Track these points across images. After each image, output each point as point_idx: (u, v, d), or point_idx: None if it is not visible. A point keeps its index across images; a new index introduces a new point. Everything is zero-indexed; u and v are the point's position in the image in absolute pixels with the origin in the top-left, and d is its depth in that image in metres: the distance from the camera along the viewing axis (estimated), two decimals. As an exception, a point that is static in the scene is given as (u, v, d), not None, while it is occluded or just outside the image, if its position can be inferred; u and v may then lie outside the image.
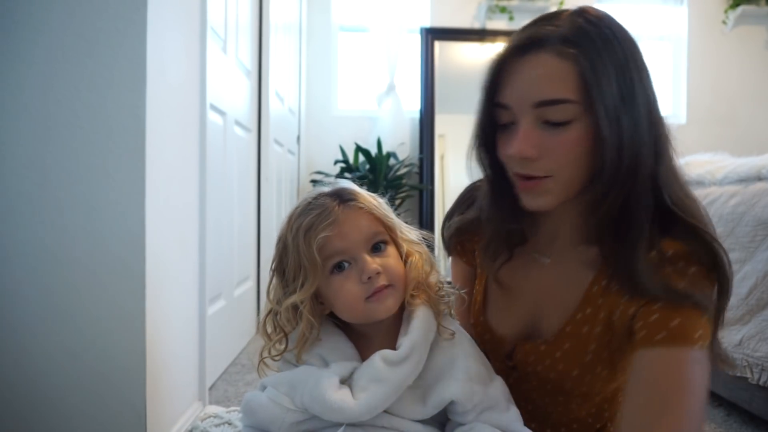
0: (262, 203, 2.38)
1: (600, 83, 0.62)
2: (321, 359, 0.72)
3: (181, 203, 1.27)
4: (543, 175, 0.67)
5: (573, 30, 0.65)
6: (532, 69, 0.65)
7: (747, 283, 1.35)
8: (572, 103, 0.64)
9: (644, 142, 0.65)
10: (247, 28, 2.17)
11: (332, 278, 0.69)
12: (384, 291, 0.68)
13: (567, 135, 0.65)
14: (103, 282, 1.02)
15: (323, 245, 0.67)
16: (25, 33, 0.99)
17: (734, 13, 3.74)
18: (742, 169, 1.48)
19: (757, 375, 1.30)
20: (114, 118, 1.02)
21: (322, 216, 0.68)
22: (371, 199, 0.72)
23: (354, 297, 0.68)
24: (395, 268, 0.70)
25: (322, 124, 3.62)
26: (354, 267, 0.69)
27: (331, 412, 0.65)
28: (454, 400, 0.68)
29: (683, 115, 3.86)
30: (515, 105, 0.67)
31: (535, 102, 0.65)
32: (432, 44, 3.57)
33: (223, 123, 1.78)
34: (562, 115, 0.64)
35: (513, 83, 0.67)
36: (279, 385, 0.71)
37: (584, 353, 0.72)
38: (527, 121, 0.66)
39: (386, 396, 0.66)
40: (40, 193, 1.00)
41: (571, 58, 0.63)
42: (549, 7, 3.65)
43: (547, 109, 0.64)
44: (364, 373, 0.68)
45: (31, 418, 1.01)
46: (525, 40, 0.67)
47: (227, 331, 1.88)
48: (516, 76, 0.66)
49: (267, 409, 0.70)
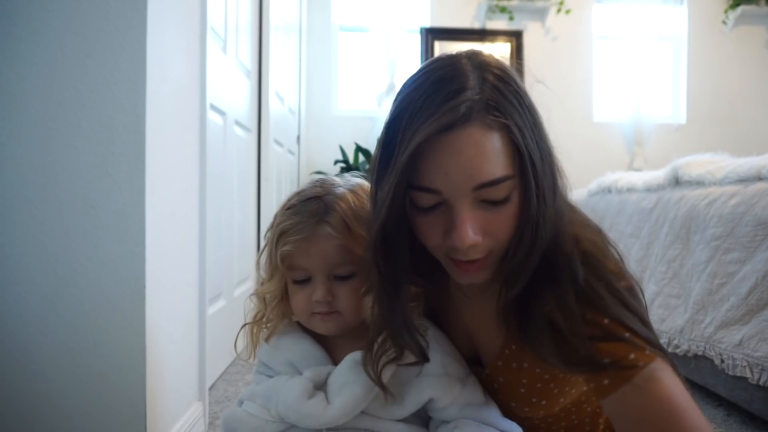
0: (262, 203, 2.38)
1: (530, 149, 0.58)
2: (292, 367, 0.72)
3: (181, 203, 1.27)
4: (485, 254, 0.62)
5: (490, 93, 0.57)
6: (464, 148, 0.56)
7: (747, 283, 1.35)
8: (511, 179, 0.58)
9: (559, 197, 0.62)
10: (247, 28, 2.17)
11: (293, 285, 0.73)
12: (329, 315, 0.71)
13: (506, 210, 0.60)
14: (102, 282, 1.02)
15: (287, 256, 0.70)
16: (25, 33, 0.99)
17: (734, 13, 3.74)
18: (742, 169, 1.48)
19: (757, 375, 1.30)
20: (114, 118, 1.02)
21: (296, 228, 0.70)
22: (355, 225, 0.70)
23: (302, 309, 0.72)
24: (347, 300, 0.71)
25: (322, 124, 3.63)
26: (310, 285, 0.71)
27: (307, 419, 0.66)
28: (432, 397, 0.68)
29: (683, 115, 3.86)
30: (448, 190, 0.58)
31: (474, 185, 0.57)
32: (432, 44, 3.57)
33: (223, 123, 1.78)
34: (503, 193, 0.58)
35: (442, 166, 0.57)
36: (255, 398, 0.72)
37: (517, 386, 0.72)
38: (467, 207, 0.58)
39: (360, 398, 0.66)
40: (40, 193, 1.00)
41: (501, 128, 0.57)
42: (549, 7, 3.65)
43: (487, 190, 0.58)
44: (336, 377, 0.69)
45: (31, 418, 1.01)
46: (445, 115, 0.56)
47: (227, 331, 1.88)
48: (445, 158, 0.57)
49: (246, 423, 0.71)
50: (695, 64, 3.82)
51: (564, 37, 3.70)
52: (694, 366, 1.55)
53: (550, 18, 3.70)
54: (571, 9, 3.68)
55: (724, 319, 1.41)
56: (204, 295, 1.43)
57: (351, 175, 0.79)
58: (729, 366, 1.38)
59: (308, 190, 0.75)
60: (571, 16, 3.69)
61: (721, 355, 1.41)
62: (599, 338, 0.61)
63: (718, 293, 1.44)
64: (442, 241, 0.61)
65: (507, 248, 0.63)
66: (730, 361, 1.38)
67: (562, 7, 3.68)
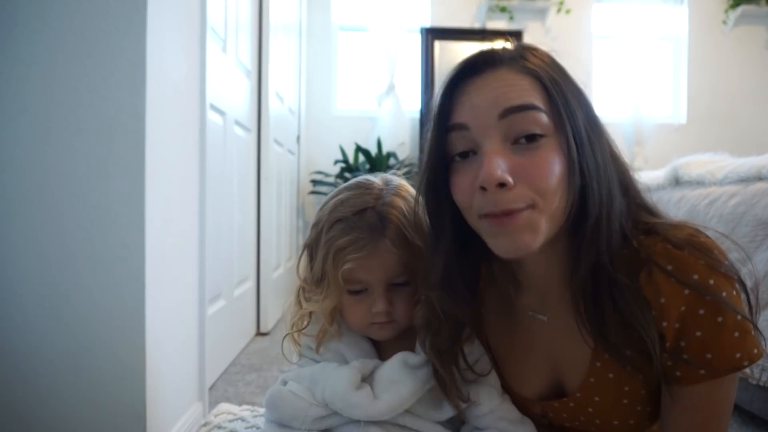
0: (262, 203, 2.38)
1: (567, 100, 0.58)
2: (340, 355, 0.73)
3: (180, 203, 1.27)
4: (524, 205, 0.57)
5: (526, 52, 0.61)
6: (491, 83, 0.59)
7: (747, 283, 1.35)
8: (541, 111, 0.57)
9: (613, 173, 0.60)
10: (247, 28, 2.17)
11: (348, 296, 0.73)
12: (386, 324, 0.72)
13: (540, 154, 0.57)
14: (102, 282, 1.02)
15: (347, 271, 0.69)
16: (24, 33, 0.99)
17: (734, 13, 3.74)
18: (742, 169, 1.48)
19: (757, 375, 1.30)
20: (114, 118, 1.02)
21: (356, 246, 0.69)
22: (410, 234, 0.70)
23: (360, 319, 0.72)
24: (403, 309, 0.72)
25: (322, 124, 3.62)
26: (368, 295, 0.72)
27: (352, 409, 0.67)
28: (473, 401, 0.69)
29: (683, 115, 3.86)
30: (476, 122, 0.58)
31: (500, 111, 0.57)
32: (432, 44, 3.57)
33: (223, 123, 1.78)
34: (530, 124, 0.57)
35: (471, 100, 0.59)
36: (301, 380, 0.72)
37: (619, 399, 0.65)
38: (493, 141, 0.57)
39: (406, 398, 0.68)
40: (40, 193, 1.00)
41: (533, 73, 0.59)
42: (549, 7, 3.65)
43: (514, 120, 0.57)
44: (384, 372, 0.70)
45: (30, 418, 1.01)
46: (478, 57, 0.61)
47: (227, 331, 1.88)
48: (474, 93, 0.59)
49: (290, 403, 0.71)
50: (695, 64, 3.82)
51: (564, 37, 3.70)
52: (694, 366, 1.55)
53: (550, 18, 3.70)
54: (571, 9, 3.68)
55: (724, 319, 1.41)
56: (204, 295, 1.43)
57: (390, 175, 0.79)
58: (729, 366, 1.38)
59: (354, 198, 0.72)
60: (571, 16, 3.69)
61: (722, 355, 1.41)
62: None
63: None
64: (473, 194, 0.59)
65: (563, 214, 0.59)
66: (730, 361, 1.38)
67: (562, 7, 3.68)
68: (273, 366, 1.93)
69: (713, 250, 0.60)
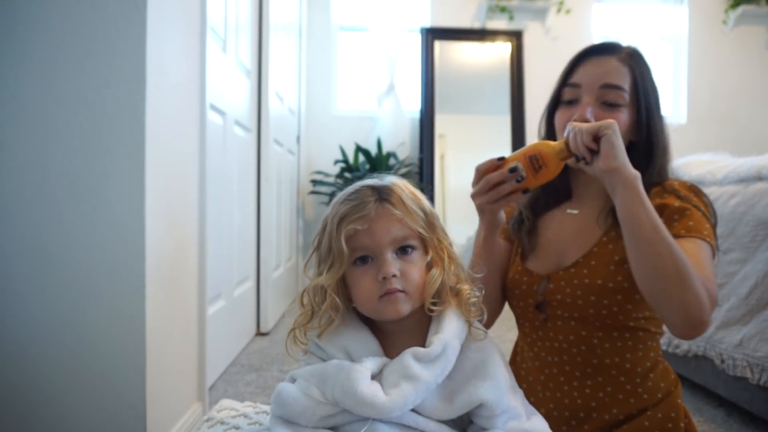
0: (261, 203, 2.38)
1: (646, 88, 0.92)
2: (345, 352, 0.73)
3: (180, 203, 1.27)
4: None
5: (632, 53, 0.93)
6: (604, 63, 0.91)
7: (747, 283, 1.35)
8: (626, 92, 0.90)
9: (661, 136, 0.93)
10: (247, 28, 2.17)
11: (354, 268, 0.72)
12: (396, 294, 0.70)
13: (617, 114, 0.88)
14: (102, 282, 1.02)
15: (351, 237, 0.70)
16: (24, 33, 0.99)
17: (734, 13, 3.74)
18: (742, 169, 1.48)
19: (757, 375, 1.30)
20: (114, 118, 1.02)
21: (357, 209, 0.71)
22: (410, 203, 0.73)
23: (368, 292, 0.71)
24: (413, 276, 0.71)
25: (322, 124, 3.63)
26: (375, 263, 0.71)
27: (363, 407, 0.66)
28: (483, 402, 0.69)
29: (683, 115, 3.86)
30: (585, 83, 0.91)
31: (601, 83, 0.89)
32: (432, 44, 3.57)
33: (223, 123, 1.78)
34: (616, 98, 0.89)
35: (587, 69, 0.92)
36: (310, 378, 0.72)
37: (608, 264, 0.88)
38: (589, 97, 0.90)
39: (417, 393, 0.67)
40: (40, 193, 1.00)
41: (630, 66, 0.91)
42: (549, 7, 3.65)
43: (607, 91, 0.89)
44: (394, 369, 0.69)
45: (30, 418, 1.01)
46: (601, 45, 0.94)
47: (227, 331, 1.88)
48: (590, 65, 0.92)
49: (298, 401, 0.70)
50: (695, 64, 3.83)
51: (564, 37, 3.70)
52: (695, 366, 1.55)
53: (550, 18, 3.70)
54: (571, 9, 3.68)
55: (724, 319, 1.41)
56: (204, 295, 1.43)
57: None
58: (729, 366, 1.38)
59: (357, 184, 0.76)
60: (571, 16, 3.69)
61: (722, 355, 1.41)
62: None
63: (718, 293, 1.44)
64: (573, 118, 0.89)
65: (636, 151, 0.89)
66: (730, 361, 1.38)
67: (562, 7, 3.68)
68: (273, 366, 1.93)
69: (698, 187, 0.94)
